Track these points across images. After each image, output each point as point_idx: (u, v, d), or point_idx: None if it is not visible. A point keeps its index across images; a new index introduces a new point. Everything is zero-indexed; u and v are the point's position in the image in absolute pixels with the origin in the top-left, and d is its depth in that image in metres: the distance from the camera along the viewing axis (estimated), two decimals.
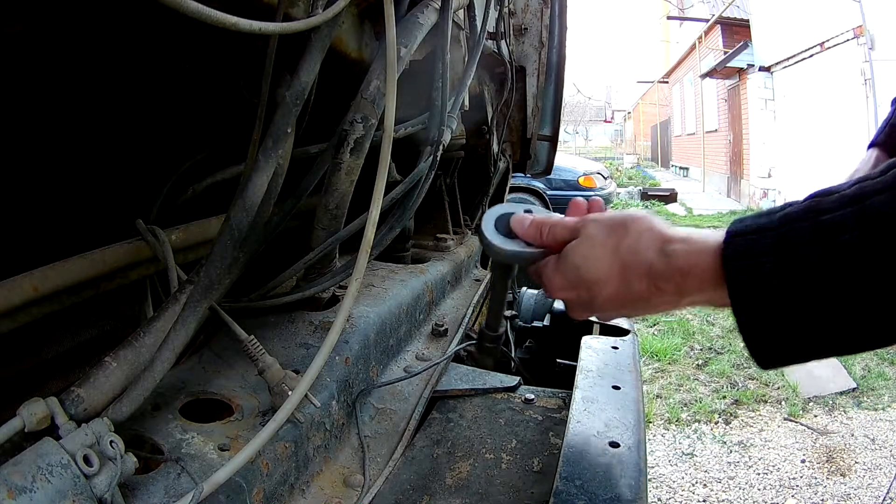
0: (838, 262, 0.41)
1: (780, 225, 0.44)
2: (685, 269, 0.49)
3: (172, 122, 0.90)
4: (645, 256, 0.52)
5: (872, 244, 0.40)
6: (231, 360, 0.71)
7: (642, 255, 0.52)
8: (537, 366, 1.23)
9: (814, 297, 0.42)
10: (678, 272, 0.50)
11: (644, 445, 0.67)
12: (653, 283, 0.52)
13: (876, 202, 0.40)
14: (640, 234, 0.53)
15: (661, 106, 23.41)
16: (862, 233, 0.40)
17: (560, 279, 0.58)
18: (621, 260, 0.53)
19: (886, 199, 0.40)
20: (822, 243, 0.42)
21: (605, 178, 7.42)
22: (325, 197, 0.79)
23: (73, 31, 0.65)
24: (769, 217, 0.46)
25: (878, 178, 0.42)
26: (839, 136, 6.95)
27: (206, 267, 0.61)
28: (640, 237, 0.53)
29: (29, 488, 0.39)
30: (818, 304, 0.42)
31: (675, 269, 0.50)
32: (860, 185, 0.42)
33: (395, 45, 0.72)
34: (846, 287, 0.41)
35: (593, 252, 0.55)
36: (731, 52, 10.78)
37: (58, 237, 0.72)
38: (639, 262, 0.52)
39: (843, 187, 0.43)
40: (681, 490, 2.46)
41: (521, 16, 1.75)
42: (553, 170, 2.08)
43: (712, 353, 3.89)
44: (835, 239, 0.41)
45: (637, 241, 0.53)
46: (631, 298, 0.54)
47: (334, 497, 0.65)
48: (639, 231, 0.53)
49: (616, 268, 0.53)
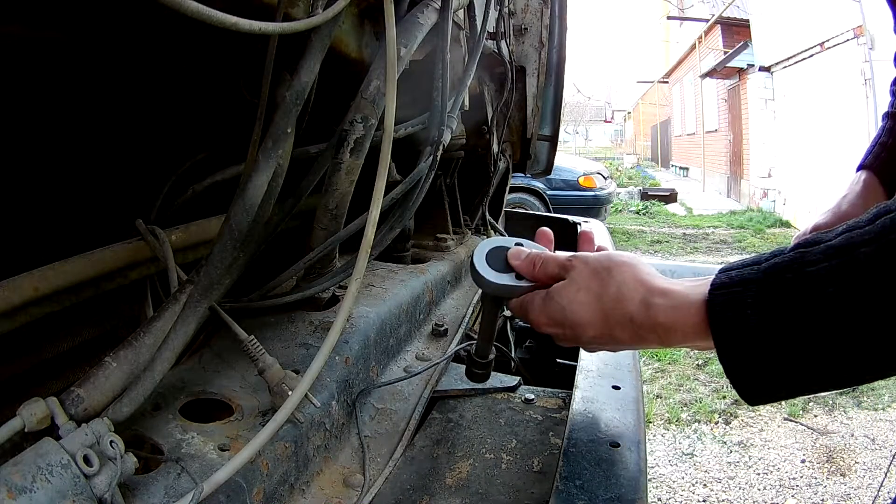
0: (823, 313, 0.41)
1: (766, 276, 0.44)
2: (667, 325, 0.50)
3: (172, 123, 0.90)
4: (627, 308, 0.52)
5: (858, 296, 0.40)
6: (231, 360, 0.71)
7: (625, 305, 0.53)
8: (537, 366, 1.23)
9: (798, 346, 0.43)
10: (660, 326, 0.51)
11: (644, 445, 0.67)
12: (634, 332, 0.53)
13: (862, 254, 0.40)
14: (622, 282, 0.53)
15: (661, 106, 23.42)
16: (848, 285, 0.40)
17: (545, 317, 0.59)
18: (604, 308, 0.54)
19: (874, 251, 0.40)
20: (808, 295, 0.42)
21: (605, 178, 7.42)
22: (325, 197, 0.79)
23: (72, 30, 0.65)
24: (754, 268, 0.46)
25: (866, 226, 0.42)
26: (839, 136, 6.95)
27: (206, 267, 0.61)
28: (622, 286, 0.53)
29: (29, 488, 0.39)
30: (803, 352, 0.43)
31: (656, 324, 0.51)
32: (848, 234, 0.42)
33: (395, 45, 0.72)
34: (831, 336, 0.42)
35: (577, 296, 0.56)
36: (731, 52, 10.78)
37: (58, 237, 0.72)
38: (621, 313, 0.53)
39: (830, 236, 0.43)
40: (681, 490, 2.46)
41: (521, 16, 1.75)
42: (553, 170, 2.08)
43: (712, 353, 3.88)
44: (822, 291, 0.41)
45: (619, 290, 0.53)
46: (614, 342, 0.55)
47: (334, 497, 0.65)
48: (622, 279, 0.54)
49: (599, 315, 0.54)
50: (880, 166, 0.90)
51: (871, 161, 0.91)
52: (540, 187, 6.42)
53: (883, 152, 0.90)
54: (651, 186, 12.75)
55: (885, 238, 0.40)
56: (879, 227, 0.40)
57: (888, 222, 0.40)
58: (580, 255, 0.59)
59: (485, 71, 1.52)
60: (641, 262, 0.56)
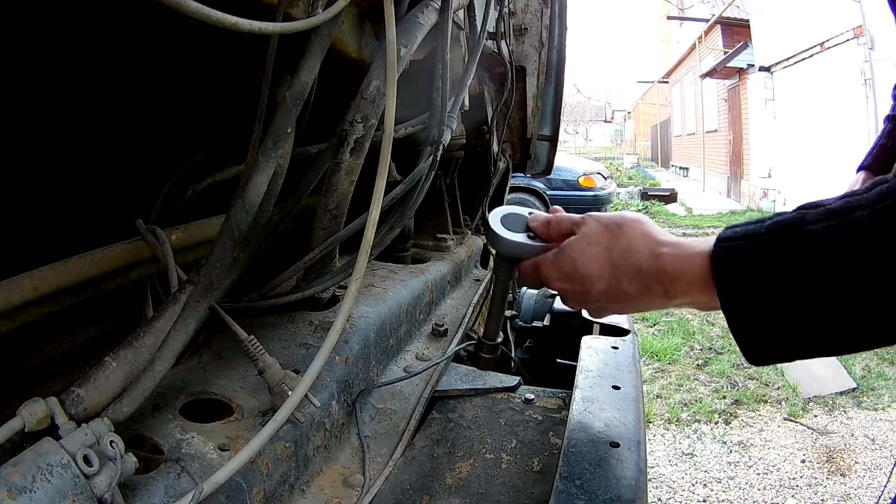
0: (821, 269, 0.43)
1: (768, 232, 0.46)
2: (673, 274, 0.52)
3: (172, 123, 0.90)
4: (636, 258, 0.55)
5: (853, 255, 0.42)
6: (231, 360, 0.71)
7: (633, 256, 0.55)
8: (537, 366, 1.23)
9: (797, 300, 0.45)
10: (666, 275, 0.53)
11: (644, 445, 0.67)
12: (642, 283, 0.55)
13: (859, 217, 0.43)
14: (633, 236, 0.56)
15: (661, 106, 23.42)
16: (845, 244, 0.43)
17: (557, 271, 0.61)
18: (613, 259, 0.56)
19: (870, 214, 0.43)
20: (807, 251, 0.44)
21: (605, 178, 7.42)
22: (325, 197, 0.79)
23: (73, 30, 0.65)
24: (758, 225, 0.48)
25: (863, 194, 0.44)
26: (839, 136, 6.96)
27: (206, 267, 0.61)
28: (632, 239, 0.56)
29: (29, 488, 0.39)
30: (802, 306, 0.45)
31: (663, 273, 0.53)
32: (846, 199, 0.45)
33: (395, 45, 0.72)
34: (828, 293, 0.44)
35: (588, 249, 0.58)
36: (731, 52, 10.78)
37: (58, 237, 0.72)
38: (629, 263, 0.55)
39: (830, 201, 0.46)
40: (681, 490, 2.46)
41: (521, 16, 1.75)
42: (553, 170, 2.08)
43: (712, 353, 3.89)
44: (820, 248, 0.44)
45: (629, 243, 0.56)
46: (622, 296, 0.57)
47: (334, 497, 0.65)
48: (632, 233, 0.56)
49: (608, 266, 0.57)
50: (879, 167, 0.91)
51: (871, 162, 0.92)
52: (540, 187, 6.43)
53: (882, 154, 0.91)
54: (651, 186, 12.75)
55: (881, 203, 0.42)
56: (875, 195, 0.43)
57: (884, 190, 0.43)
58: (593, 213, 0.61)
59: (485, 71, 1.52)
60: (651, 221, 0.58)
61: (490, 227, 0.67)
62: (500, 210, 0.69)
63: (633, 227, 0.56)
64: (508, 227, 0.67)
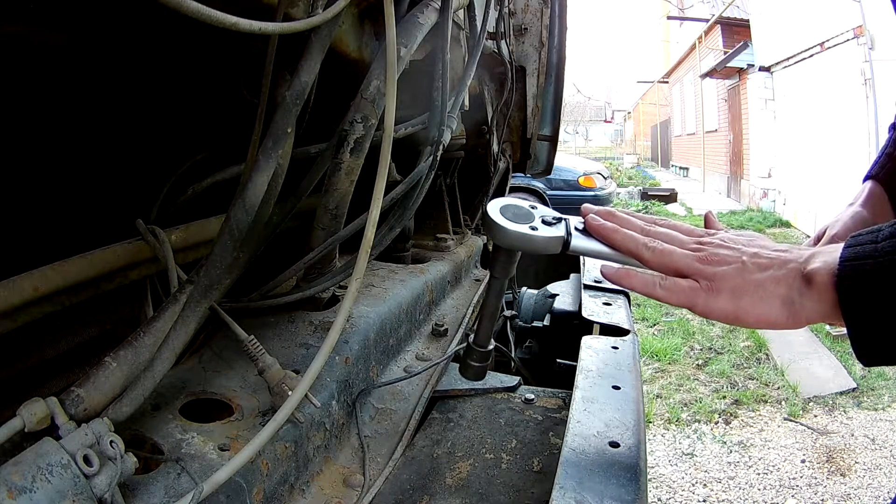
0: None
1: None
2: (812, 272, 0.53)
3: (172, 122, 0.90)
4: (796, 252, 0.57)
5: None
6: (231, 360, 0.71)
7: (796, 250, 0.57)
8: (537, 366, 1.23)
9: None
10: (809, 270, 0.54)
11: (644, 445, 0.67)
12: (790, 273, 0.55)
13: None
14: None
15: (661, 106, 23.42)
16: None
17: (728, 250, 0.60)
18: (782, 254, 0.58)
19: None
20: None
21: (605, 178, 7.43)
22: (325, 197, 0.79)
23: (73, 30, 0.65)
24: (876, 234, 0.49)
25: None
26: (839, 136, 6.95)
27: (206, 267, 0.61)
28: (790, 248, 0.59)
29: (29, 488, 0.39)
30: None
31: (810, 270, 0.54)
32: None
33: (395, 45, 0.72)
34: None
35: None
36: (731, 52, 10.78)
37: (58, 237, 0.72)
38: (793, 255, 0.56)
39: None
40: (681, 490, 2.46)
41: (521, 16, 1.75)
42: (553, 170, 2.08)
43: (712, 353, 3.89)
44: None
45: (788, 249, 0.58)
46: (776, 272, 0.56)
47: (334, 497, 0.65)
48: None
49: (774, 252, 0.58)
50: (886, 176, 0.90)
51: (878, 171, 0.92)
52: (540, 187, 6.40)
53: (889, 163, 0.90)
54: (651, 186, 12.75)
55: None
56: None
57: None
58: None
59: (485, 71, 1.52)
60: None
61: (489, 217, 0.64)
62: (499, 200, 0.66)
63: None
64: (508, 218, 0.64)
